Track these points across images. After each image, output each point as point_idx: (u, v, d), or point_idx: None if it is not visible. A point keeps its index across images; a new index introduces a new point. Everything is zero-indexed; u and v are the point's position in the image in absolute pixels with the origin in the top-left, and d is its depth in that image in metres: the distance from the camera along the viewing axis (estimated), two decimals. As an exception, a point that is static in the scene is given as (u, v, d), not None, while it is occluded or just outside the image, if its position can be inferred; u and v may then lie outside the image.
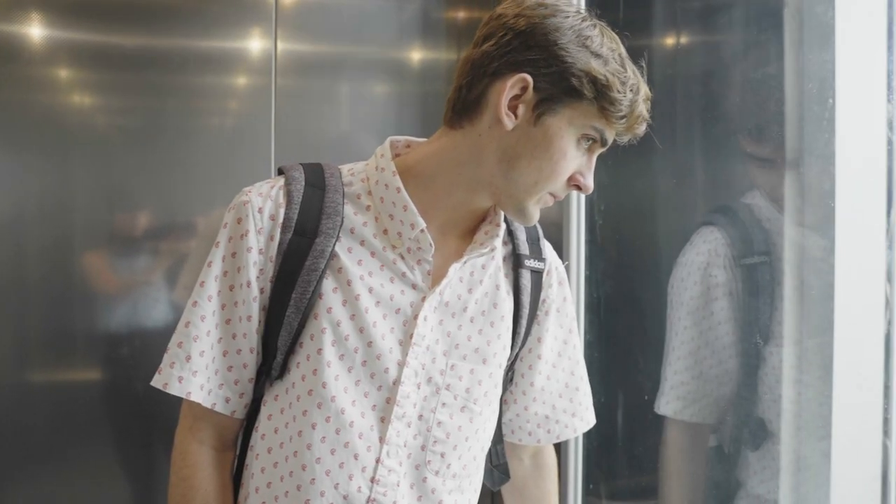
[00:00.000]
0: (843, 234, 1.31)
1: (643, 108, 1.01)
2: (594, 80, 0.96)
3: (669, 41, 1.73)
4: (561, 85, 0.97)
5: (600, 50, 0.97)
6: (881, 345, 1.30)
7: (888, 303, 1.30)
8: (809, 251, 1.37)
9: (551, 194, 1.04)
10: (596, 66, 0.96)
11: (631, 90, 0.99)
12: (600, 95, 0.97)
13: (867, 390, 1.30)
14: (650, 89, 1.03)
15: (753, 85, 1.48)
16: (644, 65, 1.04)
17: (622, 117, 0.99)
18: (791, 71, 1.37)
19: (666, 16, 1.70)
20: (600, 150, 1.04)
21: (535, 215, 1.06)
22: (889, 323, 1.29)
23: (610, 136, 1.02)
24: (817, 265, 1.35)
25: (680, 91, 1.65)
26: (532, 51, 0.97)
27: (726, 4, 1.61)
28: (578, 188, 1.04)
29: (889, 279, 1.29)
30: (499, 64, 0.98)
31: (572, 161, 1.01)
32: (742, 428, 1.45)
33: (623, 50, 1.01)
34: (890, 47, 1.29)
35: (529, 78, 0.97)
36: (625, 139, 1.04)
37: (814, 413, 1.35)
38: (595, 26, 1.00)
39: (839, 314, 1.31)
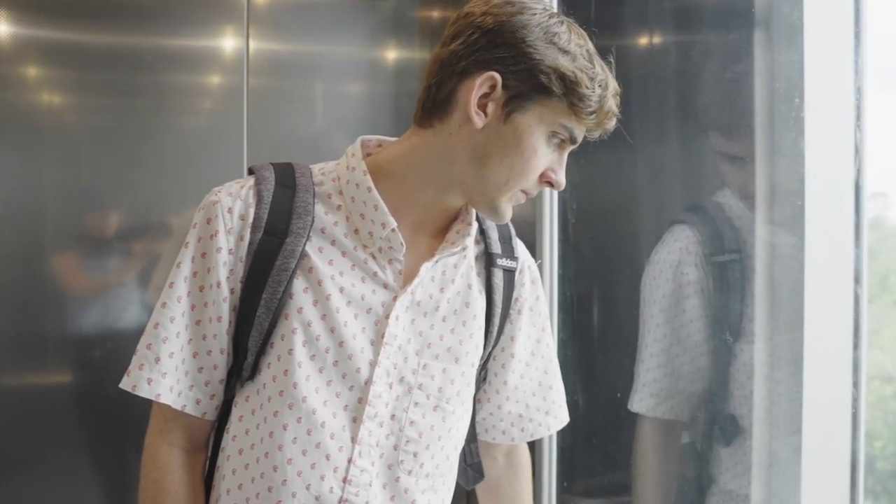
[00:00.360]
0: (812, 231, 1.32)
1: (612, 104, 1.02)
2: (563, 77, 0.97)
3: (641, 40, 1.74)
4: (530, 82, 0.97)
5: (568, 46, 0.98)
6: (850, 341, 1.32)
7: (856, 299, 1.31)
8: (779, 249, 1.39)
9: (523, 191, 1.04)
10: (564, 62, 0.97)
11: (599, 86, 0.99)
12: (569, 92, 0.97)
13: (836, 386, 1.32)
14: (619, 85, 1.04)
15: (724, 84, 1.49)
16: (612, 60, 1.04)
17: (591, 113, 0.99)
18: (760, 70, 1.39)
19: (637, 15, 1.71)
20: (571, 147, 1.04)
21: (507, 213, 1.06)
22: (857, 319, 1.31)
23: (580, 133, 1.02)
24: (787, 263, 1.36)
25: (651, 90, 1.66)
26: (500, 49, 0.97)
27: (697, 4, 1.63)
28: (550, 185, 1.04)
29: (857, 276, 1.31)
30: (467, 62, 0.99)
31: (543, 158, 1.01)
32: (714, 424, 1.47)
33: (591, 46, 1.02)
34: (856, 47, 1.31)
35: (498, 76, 0.97)
36: (595, 135, 1.04)
37: (784, 409, 1.37)
38: (563, 23, 1.00)
39: (809, 311, 1.32)
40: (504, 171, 1.00)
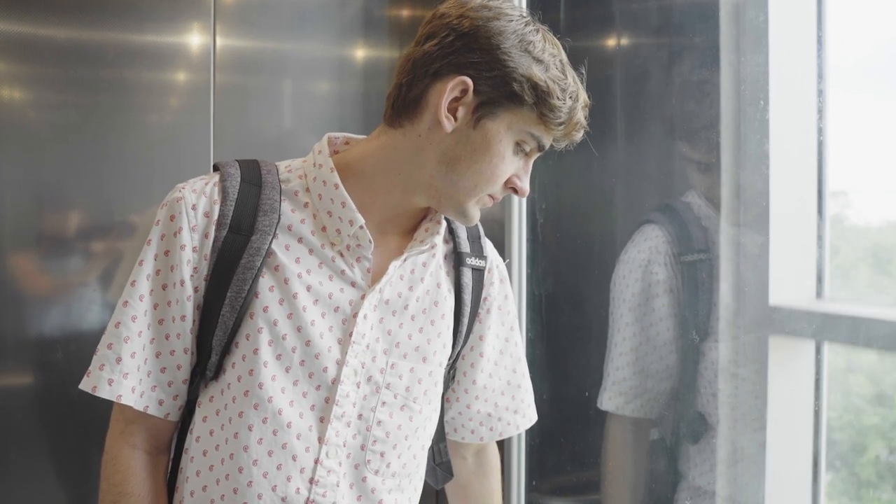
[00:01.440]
0: (776, 232, 1.34)
1: (581, 116, 1.02)
2: (535, 87, 0.97)
3: (610, 42, 1.75)
4: (502, 89, 0.97)
5: (542, 56, 0.98)
6: (812, 340, 1.33)
7: (819, 298, 1.33)
8: (745, 249, 1.41)
9: (490, 196, 1.05)
10: (537, 71, 0.97)
11: (570, 97, 1.00)
12: (540, 102, 0.98)
13: (799, 383, 1.34)
14: (589, 96, 1.04)
15: (691, 86, 1.51)
16: (584, 71, 1.05)
17: (561, 124, 1.00)
18: (726, 73, 1.40)
19: (606, 17, 1.73)
20: (537, 155, 1.05)
21: (475, 216, 1.06)
22: (819, 317, 1.33)
23: (547, 142, 1.03)
24: (753, 262, 1.38)
25: (619, 90, 1.67)
26: (474, 53, 0.97)
27: (664, 7, 1.64)
28: (514, 191, 1.05)
29: (819, 276, 1.33)
30: (440, 65, 0.98)
31: (510, 165, 1.02)
32: (682, 422, 1.48)
33: (564, 56, 1.02)
34: (819, 50, 1.33)
35: (470, 81, 0.97)
36: (561, 145, 1.05)
37: (750, 406, 1.38)
38: (538, 31, 1.00)
39: (774, 308, 1.34)
40: (472, 176, 1.00)
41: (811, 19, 1.34)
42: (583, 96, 1.02)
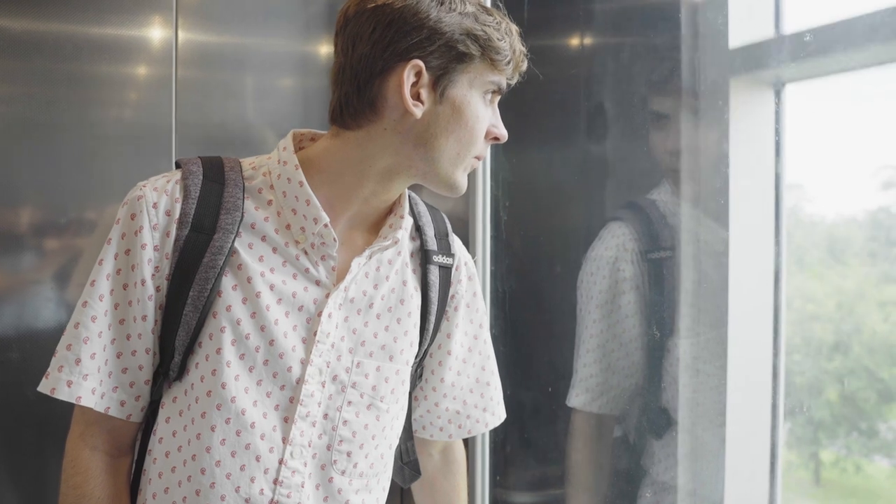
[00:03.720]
0: (736, 230, 1.36)
1: (520, 45, 1.05)
2: (476, 38, 0.99)
3: (573, 41, 1.76)
4: (450, 55, 0.98)
5: (466, 8, 1.00)
6: (770, 334, 1.36)
7: (776, 295, 1.36)
8: (708, 247, 1.42)
9: (476, 157, 1.06)
10: (470, 24, 0.99)
11: (506, 33, 1.02)
12: (486, 49, 0.99)
13: (758, 378, 1.36)
14: (521, 34, 1.06)
15: (652, 85, 1.53)
16: (500, 4, 1.06)
17: (509, 61, 1.02)
18: (687, 73, 1.42)
19: (569, 17, 1.74)
20: (499, 98, 1.06)
21: (463, 184, 1.07)
22: (776, 314, 1.36)
23: (504, 83, 1.04)
24: (715, 260, 1.40)
25: (583, 90, 1.69)
26: (410, 35, 0.97)
27: (627, 8, 1.66)
28: (496, 139, 1.06)
29: (776, 274, 1.35)
30: (383, 60, 0.98)
31: (484, 119, 1.03)
32: (647, 418, 1.50)
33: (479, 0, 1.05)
34: (777, 52, 1.36)
35: (420, 62, 0.98)
36: (514, 81, 1.07)
37: (712, 401, 1.40)
38: None
39: (733, 307, 1.36)
40: (453, 146, 1.01)
41: (769, 21, 1.37)
42: (513, 27, 1.05)
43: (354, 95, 1.00)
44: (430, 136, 1.00)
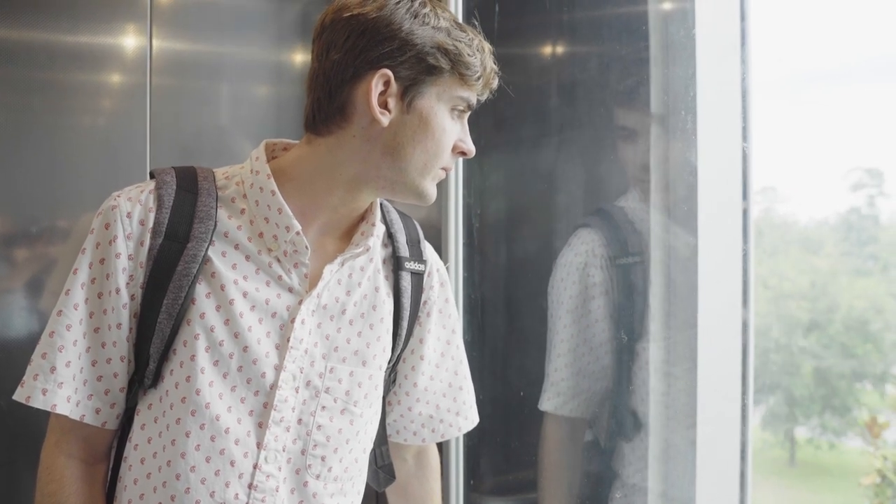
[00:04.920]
0: (704, 235, 1.39)
1: (491, 63, 1.06)
2: (446, 52, 1.01)
3: (545, 50, 1.79)
4: (419, 66, 1.00)
5: (439, 23, 1.02)
6: (739, 337, 1.39)
7: (745, 298, 1.39)
8: (676, 251, 1.45)
9: (443, 168, 1.07)
10: (442, 38, 1.01)
11: (478, 50, 1.04)
12: (456, 64, 1.01)
13: (727, 381, 1.39)
14: (493, 52, 1.08)
15: (621, 95, 1.55)
16: (476, 22, 1.08)
17: (479, 77, 1.04)
18: (656, 82, 1.45)
19: (540, 26, 1.76)
20: (468, 114, 1.08)
21: (432, 193, 1.08)
22: (745, 317, 1.38)
23: (474, 99, 1.06)
24: (683, 265, 1.43)
25: (553, 98, 1.71)
26: (382, 45, 0.99)
27: (596, 18, 1.69)
28: (463, 154, 1.08)
29: (745, 277, 1.38)
30: (354, 67, 1.00)
31: (452, 133, 1.05)
32: (617, 420, 1.52)
33: (455, 16, 1.06)
34: (744, 61, 1.39)
35: (389, 71, 1.00)
36: (484, 97, 1.08)
37: (682, 404, 1.42)
38: (425, 4, 1.03)
39: (702, 310, 1.39)
40: (420, 156, 1.03)
41: (735, 32, 1.40)
42: (486, 45, 1.06)
43: (326, 100, 1.02)
44: (398, 144, 1.02)
